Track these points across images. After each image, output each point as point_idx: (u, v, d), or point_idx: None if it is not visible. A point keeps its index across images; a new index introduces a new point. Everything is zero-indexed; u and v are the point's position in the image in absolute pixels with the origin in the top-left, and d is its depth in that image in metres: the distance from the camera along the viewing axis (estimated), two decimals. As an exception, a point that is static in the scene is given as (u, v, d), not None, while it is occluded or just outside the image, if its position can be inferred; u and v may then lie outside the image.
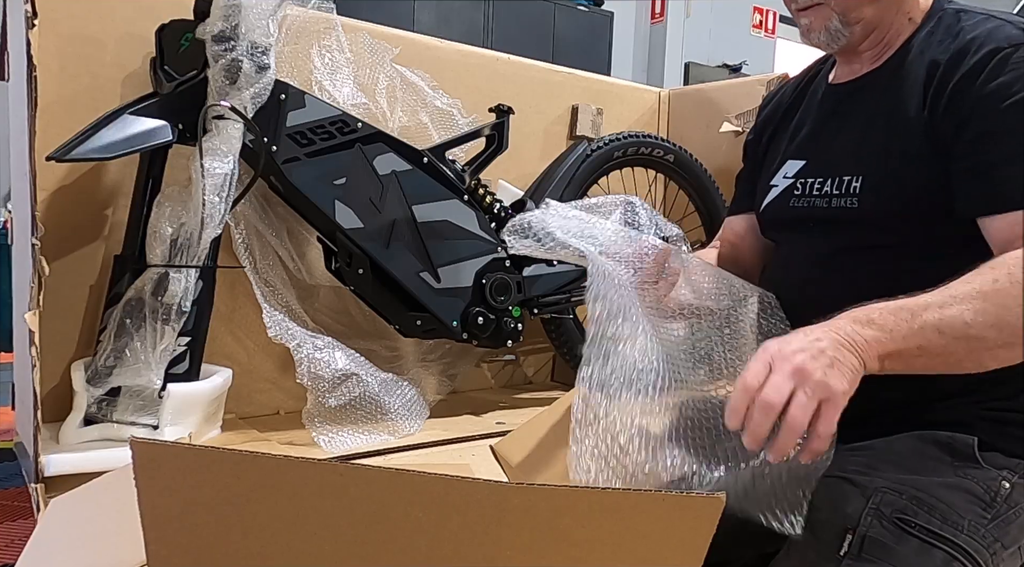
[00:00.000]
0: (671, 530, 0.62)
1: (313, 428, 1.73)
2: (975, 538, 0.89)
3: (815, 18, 1.03)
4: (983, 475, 0.92)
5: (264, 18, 1.63)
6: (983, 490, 0.91)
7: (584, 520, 0.62)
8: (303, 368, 1.70)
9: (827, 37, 1.04)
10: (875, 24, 1.03)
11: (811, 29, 1.05)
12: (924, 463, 0.93)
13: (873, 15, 1.02)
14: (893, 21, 1.03)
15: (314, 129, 1.75)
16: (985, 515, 0.90)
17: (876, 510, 0.90)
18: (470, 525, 0.61)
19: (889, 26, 1.03)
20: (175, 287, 1.58)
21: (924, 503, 0.90)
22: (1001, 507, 0.91)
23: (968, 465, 0.92)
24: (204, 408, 1.65)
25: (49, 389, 1.65)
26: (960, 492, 0.91)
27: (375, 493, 0.62)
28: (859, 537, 0.89)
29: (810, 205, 1.04)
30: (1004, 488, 0.91)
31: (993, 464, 0.92)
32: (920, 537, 0.88)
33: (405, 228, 1.85)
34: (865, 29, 1.03)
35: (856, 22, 1.02)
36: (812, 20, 1.04)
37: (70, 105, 1.65)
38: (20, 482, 1.63)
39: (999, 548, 0.90)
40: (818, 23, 1.03)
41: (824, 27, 1.03)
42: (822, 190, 1.02)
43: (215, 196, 1.58)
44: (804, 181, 1.06)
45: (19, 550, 1.02)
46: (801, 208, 1.05)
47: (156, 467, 0.64)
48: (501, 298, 1.97)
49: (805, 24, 1.05)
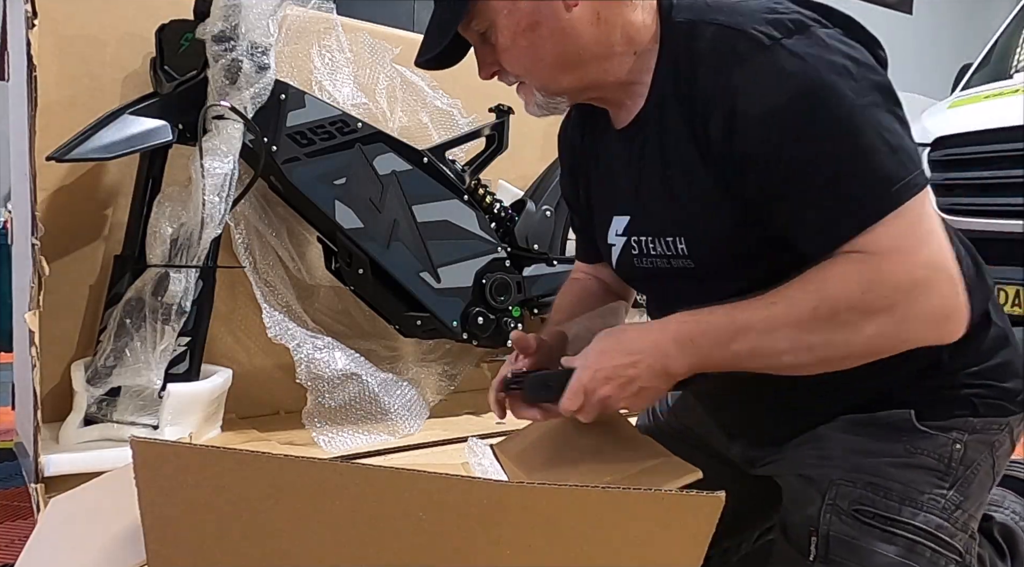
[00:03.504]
0: (671, 529, 0.62)
1: (313, 428, 1.73)
2: (934, 513, 0.89)
3: (524, 93, 0.97)
4: (933, 443, 0.91)
5: (264, 18, 1.63)
6: (936, 460, 0.91)
7: (584, 519, 0.62)
8: (303, 368, 1.70)
9: (546, 110, 0.97)
10: (585, 84, 0.93)
11: (527, 103, 0.98)
12: (873, 445, 0.92)
13: (574, 81, 0.92)
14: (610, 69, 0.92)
15: (314, 129, 1.75)
16: (943, 484, 0.90)
17: (833, 505, 0.90)
18: (470, 525, 0.61)
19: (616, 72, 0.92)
20: (175, 287, 1.58)
21: (879, 488, 0.90)
22: (958, 471, 0.91)
23: (916, 437, 0.91)
24: (204, 408, 1.65)
25: (49, 389, 1.65)
26: (913, 468, 0.90)
27: (375, 493, 0.62)
28: (823, 538, 0.90)
29: (654, 265, 0.97)
30: (957, 450, 0.91)
31: (940, 430, 0.91)
32: (880, 527, 0.88)
33: (405, 228, 1.85)
34: (576, 92, 0.95)
35: (560, 93, 0.94)
36: (523, 95, 0.97)
37: (70, 105, 1.65)
38: (20, 482, 1.63)
39: (960, 514, 0.90)
40: (528, 98, 0.97)
41: (535, 103, 0.96)
42: (657, 250, 0.95)
43: (215, 196, 1.58)
44: (637, 239, 0.98)
45: (19, 550, 1.02)
46: (648, 267, 0.98)
47: (156, 467, 0.64)
48: (501, 298, 1.97)
49: (523, 99, 0.99)
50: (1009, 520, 1.12)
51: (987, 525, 1.09)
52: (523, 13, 0.87)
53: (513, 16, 0.88)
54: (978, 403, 0.92)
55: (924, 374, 0.92)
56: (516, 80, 0.95)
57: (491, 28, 0.91)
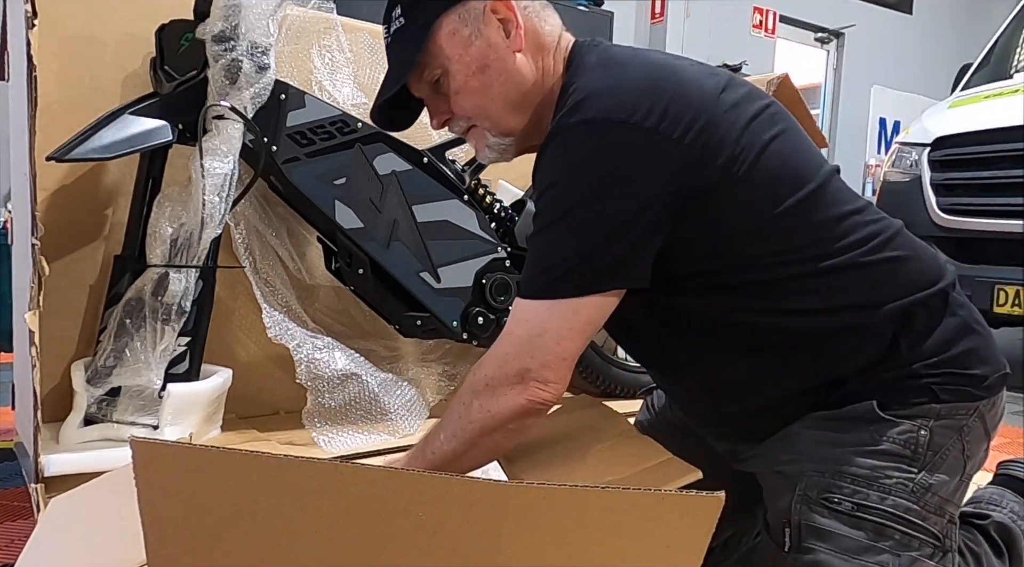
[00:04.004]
0: (671, 528, 0.62)
1: (313, 428, 1.72)
2: (903, 497, 0.91)
3: (476, 139, 1.04)
4: (898, 430, 0.93)
5: (264, 18, 1.63)
6: (901, 446, 0.92)
7: (584, 519, 0.62)
8: (303, 368, 1.70)
9: (496, 153, 1.05)
10: (528, 128, 1.02)
11: (478, 149, 1.06)
12: (840, 436, 0.94)
13: (520, 121, 1.01)
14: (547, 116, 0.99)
15: (314, 129, 1.75)
16: (910, 470, 0.92)
17: (803, 495, 0.93)
18: (470, 524, 0.61)
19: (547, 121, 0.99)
20: (175, 287, 1.58)
21: (847, 475, 0.92)
22: (925, 456, 0.93)
23: (881, 425, 0.93)
24: (204, 408, 1.65)
25: (49, 389, 1.65)
26: (880, 455, 0.92)
27: (375, 493, 0.62)
28: (795, 528, 0.93)
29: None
30: (923, 436, 0.93)
31: (904, 418, 0.93)
32: (848, 513, 0.91)
33: (405, 228, 1.85)
34: (523, 133, 1.03)
35: (509, 133, 1.02)
36: (475, 141, 1.05)
37: (70, 105, 1.65)
38: (20, 482, 1.62)
39: (931, 497, 0.92)
40: (480, 143, 1.04)
41: (486, 145, 1.04)
42: None
43: (215, 196, 1.58)
44: None
45: (19, 550, 1.02)
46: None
47: (156, 467, 0.64)
48: (501, 298, 1.97)
49: (472, 146, 1.07)
50: (1007, 519, 1.12)
51: (984, 524, 1.11)
52: (473, 57, 0.97)
53: (464, 60, 0.97)
54: (938, 390, 0.94)
55: (880, 367, 0.95)
56: (466, 125, 1.04)
57: (444, 74, 1.00)
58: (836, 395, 0.96)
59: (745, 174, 0.90)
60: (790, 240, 0.93)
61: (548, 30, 1.02)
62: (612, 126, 0.87)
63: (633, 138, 0.87)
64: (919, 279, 0.96)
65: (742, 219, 0.92)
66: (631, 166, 0.87)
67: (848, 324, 0.94)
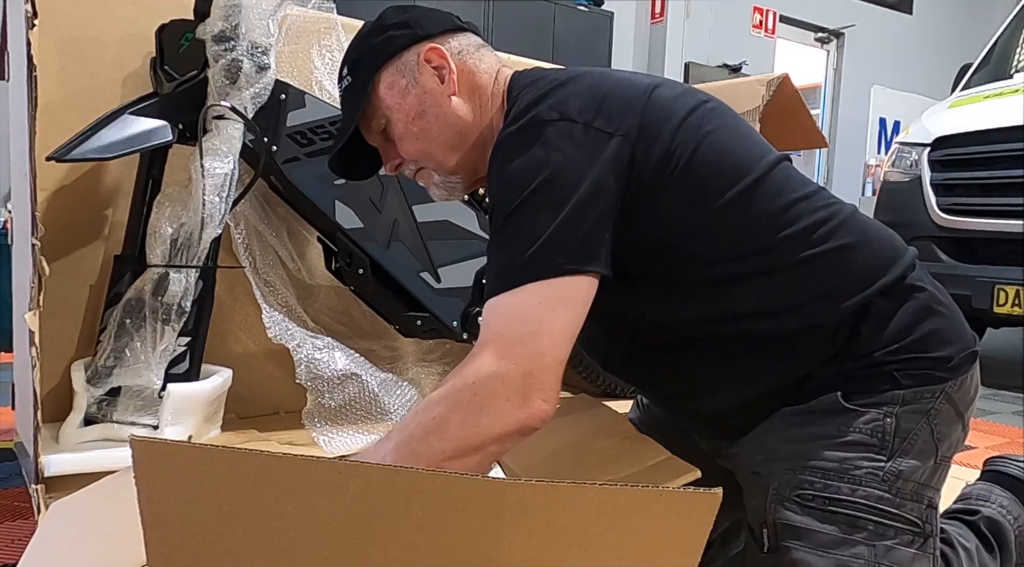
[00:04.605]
0: (668, 526, 0.62)
1: (313, 428, 1.73)
2: (873, 486, 0.91)
3: (425, 179, 1.09)
4: (865, 420, 0.93)
5: (264, 18, 1.63)
6: (868, 436, 0.92)
7: (582, 517, 0.62)
8: (303, 368, 1.70)
9: (445, 191, 1.09)
10: (472, 163, 1.06)
11: (428, 188, 1.10)
12: (808, 430, 0.94)
13: (461, 160, 1.05)
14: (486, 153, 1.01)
15: (314, 129, 1.75)
16: (879, 458, 0.92)
17: (776, 494, 0.93)
18: (470, 523, 0.61)
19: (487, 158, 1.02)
20: (175, 287, 1.58)
21: (817, 469, 0.92)
22: (893, 443, 0.93)
23: (847, 416, 0.93)
24: (204, 408, 1.65)
25: (49, 389, 1.65)
26: (847, 446, 0.92)
27: (375, 492, 0.62)
28: (771, 527, 0.93)
29: None
30: (889, 424, 0.93)
31: (869, 406, 0.93)
32: (820, 508, 0.91)
33: (405, 228, 1.85)
34: (467, 171, 1.07)
35: (453, 171, 1.06)
36: (424, 181, 1.10)
37: (70, 105, 1.65)
38: (20, 482, 1.62)
39: (904, 483, 0.92)
40: (428, 181, 1.09)
41: (434, 184, 1.09)
42: None
43: (215, 196, 1.58)
44: None
45: (19, 550, 1.02)
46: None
47: (156, 466, 0.64)
48: (501, 298, 1.97)
49: (424, 185, 1.11)
50: (996, 514, 1.13)
51: (974, 519, 1.11)
52: (411, 104, 1.03)
53: (403, 109, 1.04)
54: (900, 376, 0.93)
55: (842, 357, 0.94)
56: (416, 168, 1.08)
57: (388, 123, 1.06)
58: (803, 388, 0.96)
59: (683, 168, 0.91)
60: (732, 234, 0.93)
61: (484, 69, 1.06)
62: (549, 124, 0.89)
63: (572, 130, 0.89)
64: (874, 266, 0.95)
65: (684, 215, 0.93)
66: (575, 154, 0.88)
67: (805, 324, 0.94)
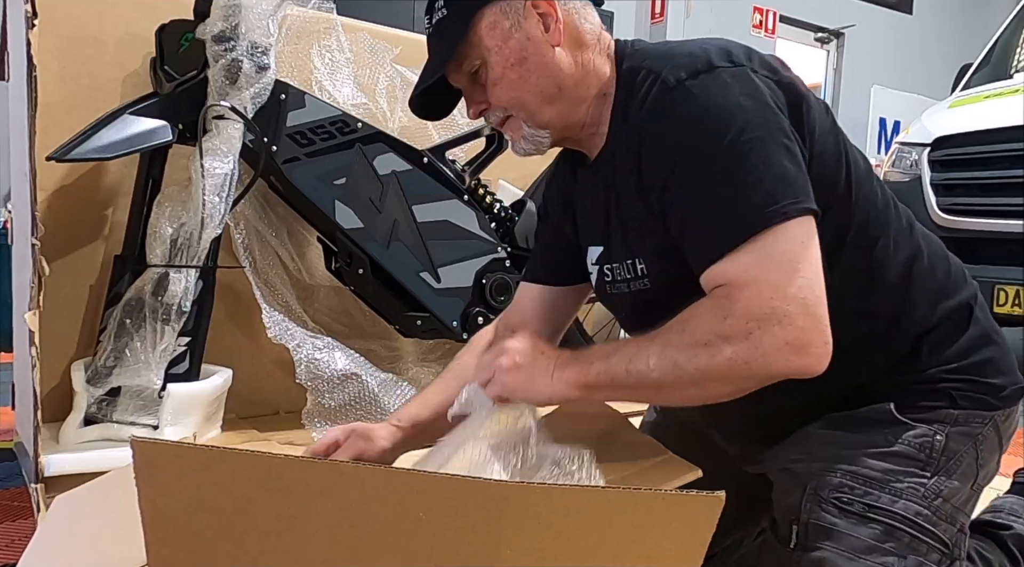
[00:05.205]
0: (671, 528, 0.62)
1: (313, 428, 1.72)
2: (914, 500, 0.91)
3: (512, 130, 1.04)
4: (913, 434, 0.93)
5: (264, 18, 1.63)
6: (916, 450, 0.92)
7: (584, 519, 0.62)
8: (303, 368, 1.70)
9: (532, 145, 1.04)
10: (566, 119, 1.02)
11: (514, 141, 1.06)
12: (853, 437, 0.94)
13: (557, 114, 1.01)
14: (583, 108, 1.01)
15: (314, 129, 1.75)
16: (923, 474, 0.92)
17: (814, 494, 0.93)
18: (470, 524, 0.61)
19: (586, 112, 1.01)
20: (175, 287, 1.58)
21: (859, 476, 0.92)
22: (939, 461, 0.93)
23: (896, 428, 0.93)
24: (204, 408, 1.65)
25: (49, 389, 1.65)
26: (894, 458, 0.92)
27: (375, 493, 0.62)
28: (803, 526, 0.92)
29: (620, 291, 1.04)
30: (938, 441, 0.93)
31: (921, 422, 0.93)
32: (859, 513, 0.90)
33: (405, 228, 1.85)
34: (559, 127, 1.03)
35: (545, 125, 1.02)
36: (511, 133, 1.05)
37: (70, 105, 1.65)
38: (20, 482, 1.62)
39: (942, 503, 0.92)
40: (516, 134, 1.04)
41: (522, 136, 1.04)
42: (621, 276, 1.03)
43: (215, 196, 1.58)
44: (609, 267, 1.06)
45: (19, 550, 1.02)
46: (616, 293, 1.06)
47: (156, 467, 0.64)
48: (501, 298, 1.97)
49: (508, 138, 1.07)
50: None
51: (1002, 534, 1.11)
52: (512, 49, 0.98)
53: (503, 52, 0.98)
54: (957, 396, 0.94)
55: (899, 369, 0.95)
56: (503, 116, 1.03)
57: (482, 65, 1.00)
58: (856, 396, 0.96)
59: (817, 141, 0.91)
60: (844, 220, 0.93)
61: (588, 27, 1.02)
62: (716, 70, 0.88)
63: (740, 73, 0.88)
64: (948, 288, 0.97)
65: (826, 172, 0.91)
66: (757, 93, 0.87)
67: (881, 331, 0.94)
